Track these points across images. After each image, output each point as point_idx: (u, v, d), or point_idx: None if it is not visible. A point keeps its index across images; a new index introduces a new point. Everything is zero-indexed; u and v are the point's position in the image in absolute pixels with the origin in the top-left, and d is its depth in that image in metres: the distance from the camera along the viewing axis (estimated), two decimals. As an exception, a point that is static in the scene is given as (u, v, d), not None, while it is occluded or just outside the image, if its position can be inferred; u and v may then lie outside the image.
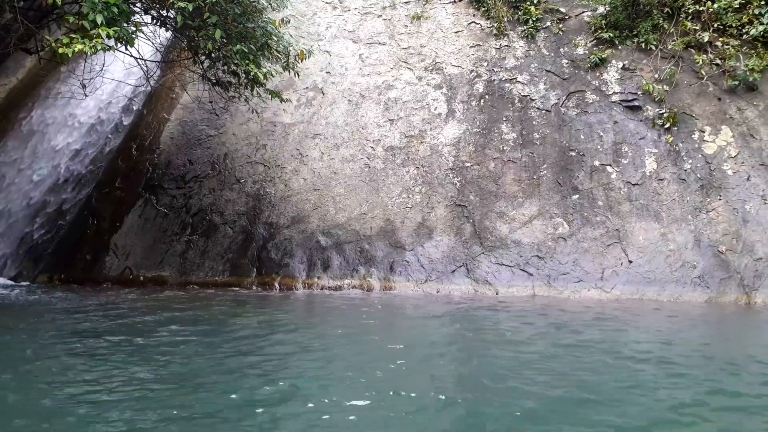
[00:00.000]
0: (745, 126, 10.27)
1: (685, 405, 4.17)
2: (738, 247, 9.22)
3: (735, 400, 4.35)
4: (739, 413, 4.07)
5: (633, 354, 5.73)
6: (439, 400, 4.31)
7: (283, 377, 4.75)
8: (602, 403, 4.20)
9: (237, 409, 3.95)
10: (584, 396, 4.34)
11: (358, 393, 4.30)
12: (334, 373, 4.96)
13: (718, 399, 4.33)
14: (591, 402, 4.21)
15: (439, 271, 9.99)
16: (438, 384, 4.75)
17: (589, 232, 9.86)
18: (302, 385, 4.54)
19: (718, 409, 4.10)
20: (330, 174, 11.26)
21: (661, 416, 3.95)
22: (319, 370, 5.03)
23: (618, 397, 4.36)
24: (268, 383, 4.60)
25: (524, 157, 10.84)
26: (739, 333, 7.38)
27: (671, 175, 10.10)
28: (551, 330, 6.89)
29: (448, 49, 12.34)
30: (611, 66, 11.35)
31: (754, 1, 11.09)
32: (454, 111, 11.53)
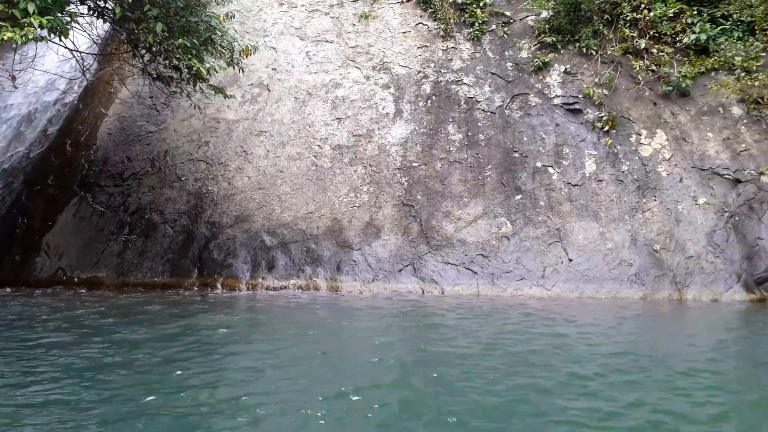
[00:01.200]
0: (678, 130, 10.94)
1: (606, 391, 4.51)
2: (671, 245, 9.82)
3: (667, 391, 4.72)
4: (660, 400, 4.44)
5: (568, 350, 6.07)
6: (377, 400, 4.48)
7: (217, 385, 4.78)
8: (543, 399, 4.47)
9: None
10: (524, 394, 4.60)
11: (294, 395, 4.42)
12: (262, 378, 5.04)
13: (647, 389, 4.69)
14: (530, 397, 4.48)
15: (387, 271, 10.18)
16: (376, 384, 4.90)
17: (531, 232, 10.28)
18: (236, 392, 4.61)
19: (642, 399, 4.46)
20: (275, 172, 11.29)
21: (596, 407, 4.26)
22: (244, 373, 5.11)
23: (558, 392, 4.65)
24: (198, 391, 4.64)
25: (470, 157, 11.18)
26: (667, 329, 7.88)
27: (609, 177, 10.65)
28: (493, 329, 7.17)
29: (396, 49, 12.59)
30: (554, 70, 11.87)
31: (687, 11, 11.84)
32: (402, 111, 11.78)
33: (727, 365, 5.74)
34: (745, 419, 4.21)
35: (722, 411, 4.28)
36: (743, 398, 4.65)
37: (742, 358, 6.14)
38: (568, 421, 3.99)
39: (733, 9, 11.88)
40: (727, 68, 11.29)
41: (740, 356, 6.24)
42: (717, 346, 6.53)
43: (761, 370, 5.58)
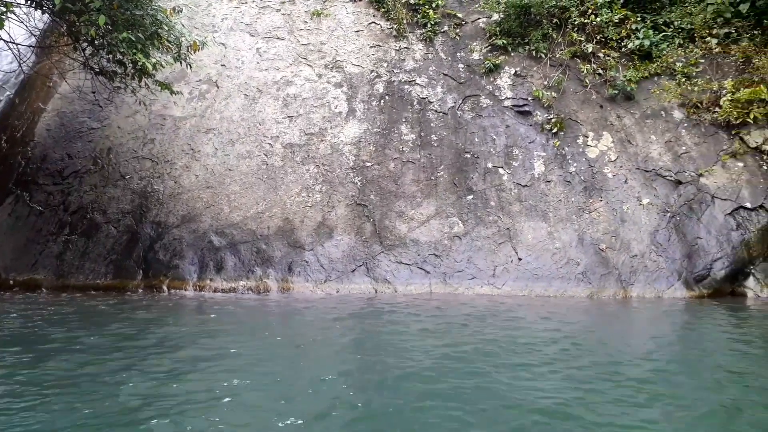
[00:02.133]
0: (623, 132, 11.41)
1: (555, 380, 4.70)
2: (616, 245, 10.23)
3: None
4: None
5: (513, 346, 6.29)
6: (328, 402, 4.53)
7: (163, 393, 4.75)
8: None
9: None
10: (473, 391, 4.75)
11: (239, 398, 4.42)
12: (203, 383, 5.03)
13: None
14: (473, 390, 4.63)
15: (339, 271, 10.22)
16: (325, 386, 4.95)
17: (483, 231, 10.52)
18: (174, 402, 4.59)
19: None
20: (224, 171, 11.17)
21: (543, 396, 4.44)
22: (183, 378, 5.08)
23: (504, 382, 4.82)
24: (134, 401, 4.60)
25: (423, 158, 11.36)
26: (612, 324, 8.24)
27: (558, 178, 11.01)
28: (445, 327, 7.33)
29: (349, 48, 12.67)
30: (504, 72, 12.19)
31: (631, 17, 12.38)
32: (355, 110, 11.86)
33: (660, 355, 6.08)
34: (673, 401, 4.48)
35: (652, 394, 4.54)
36: (674, 382, 4.94)
37: (675, 350, 6.49)
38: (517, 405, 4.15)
39: (674, 17, 12.49)
40: (669, 73, 11.86)
41: (673, 348, 6.59)
42: (656, 339, 6.89)
43: (694, 360, 5.93)
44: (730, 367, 5.65)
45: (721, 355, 6.10)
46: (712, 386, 5.03)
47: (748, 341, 6.74)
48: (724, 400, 4.65)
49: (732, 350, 6.34)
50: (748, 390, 4.96)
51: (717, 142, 10.93)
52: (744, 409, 4.49)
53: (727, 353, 6.21)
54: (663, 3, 12.72)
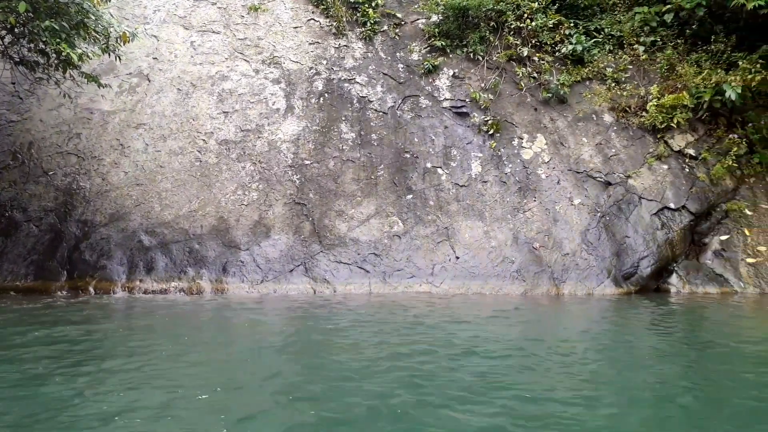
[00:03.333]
0: (556, 135, 11.89)
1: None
2: (549, 243, 10.65)
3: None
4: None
5: (450, 343, 6.47)
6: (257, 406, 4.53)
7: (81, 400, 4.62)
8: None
9: None
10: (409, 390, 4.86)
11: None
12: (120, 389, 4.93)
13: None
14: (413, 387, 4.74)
15: (277, 271, 10.16)
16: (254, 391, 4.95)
17: (422, 230, 10.72)
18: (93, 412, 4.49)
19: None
20: (155, 168, 10.89)
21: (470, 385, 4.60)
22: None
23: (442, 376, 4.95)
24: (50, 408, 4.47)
25: (363, 157, 11.45)
26: (543, 320, 8.60)
27: (494, 178, 11.35)
28: (383, 327, 7.43)
29: (287, 44, 12.60)
30: (443, 73, 12.46)
31: (565, 23, 12.92)
32: (293, 107, 11.81)
33: (586, 348, 6.41)
34: (597, 392, 4.76)
35: (578, 382, 4.81)
36: (600, 373, 5.24)
37: (602, 344, 6.86)
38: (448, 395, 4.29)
39: (604, 24, 13.14)
40: (600, 78, 12.46)
41: (600, 342, 6.96)
42: (584, 333, 7.26)
43: (617, 352, 6.30)
44: (652, 360, 6.03)
45: (644, 349, 6.50)
46: (635, 377, 5.36)
47: (668, 334, 7.21)
48: (646, 390, 4.97)
49: (654, 344, 6.76)
50: (668, 379, 5.32)
51: (644, 145, 11.57)
52: (665, 397, 4.82)
53: (650, 347, 6.61)
54: (594, 10, 13.35)
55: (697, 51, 12.14)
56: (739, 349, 6.45)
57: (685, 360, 6.04)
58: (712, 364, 5.89)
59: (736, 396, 4.85)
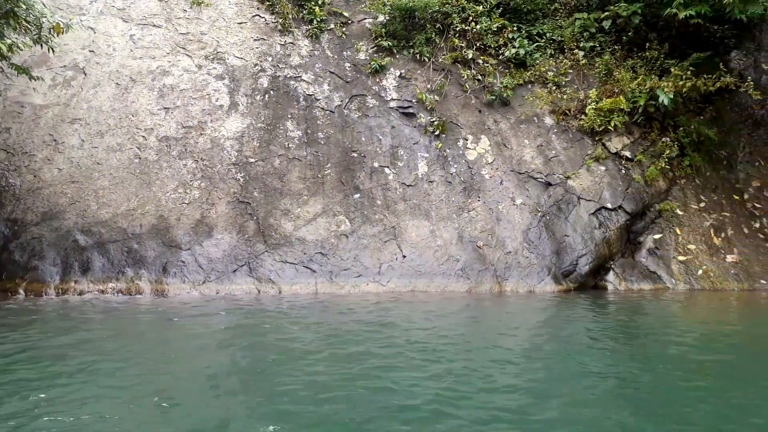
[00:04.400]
0: (499, 136, 12.18)
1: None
2: (492, 242, 10.90)
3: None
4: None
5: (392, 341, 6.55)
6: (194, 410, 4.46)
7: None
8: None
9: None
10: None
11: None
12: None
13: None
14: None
15: (219, 271, 9.99)
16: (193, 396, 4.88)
17: (369, 230, 10.76)
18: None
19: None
20: (92, 164, 10.50)
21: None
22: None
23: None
24: None
25: (309, 155, 11.40)
26: (485, 316, 8.82)
27: (440, 178, 11.53)
28: (330, 327, 7.42)
29: (231, 40, 12.41)
30: (390, 73, 12.56)
31: (508, 26, 13.26)
32: (238, 104, 11.64)
33: (524, 343, 6.63)
34: (533, 379, 4.94)
35: (516, 372, 4.98)
36: (533, 365, 5.44)
37: (539, 339, 7.10)
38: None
39: (546, 29, 13.56)
40: (541, 82, 12.84)
41: (539, 337, 7.21)
42: (525, 328, 7.49)
43: (554, 348, 6.54)
44: (587, 353, 6.29)
45: (581, 344, 6.77)
46: (570, 370, 5.58)
47: (603, 329, 7.53)
48: (583, 383, 5.18)
49: (589, 339, 7.04)
50: (603, 372, 5.56)
51: (582, 147, 12.01)
52: (593, 389, 5.04)
53: (585, 341, 6.89)
54: (537, 15, 13.76)
55: (633, 57, 12.70)
56: (665, 339, 6.84)
57: (613, 350, 6.35)
58: (639, 353, 6.26)
59: (659, 379, 5.18)
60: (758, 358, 6.12)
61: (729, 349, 6.38)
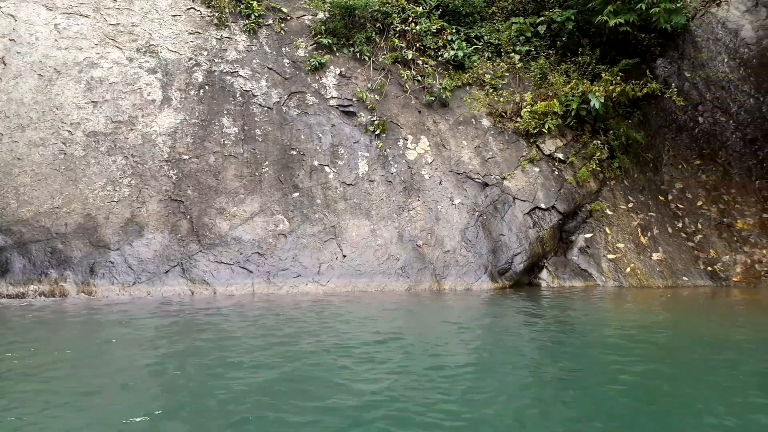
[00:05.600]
0: (438, 137, 12.33)
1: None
2: (432, 241, 11.01)
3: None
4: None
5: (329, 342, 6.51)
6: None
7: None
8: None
9: None
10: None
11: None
12: None
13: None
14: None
15: (151, 272, 9.64)
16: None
17: (308, 229, 10.65)
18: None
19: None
20: (12, 160, 9.90)
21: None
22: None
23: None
24: None
25: (246, 152, 11.16)
26: (423, 313, 8.91)
27: (380, 177, 11.55)
28: (265, 329, 7.28)
29: (165, 33, 11.99)
30: (330, 71, 12.48)
31: (447, 28, 13.45)
32: (171, 99, 11.26)
33: (461, 340, 6.74)
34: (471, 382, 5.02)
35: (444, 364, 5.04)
36: (464, 360, 5.53)
37: (474, 335, 7.24)
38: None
39: (484, 32, 13.85)
40: (479, 84, 13.10)
41: (474, 333, 7.34)
42: (461, 325, 7.61)
43: (489, 344, 6.67)
44: (521, 349, 6.46)
45: (514, 339, 6.95)
46: (505, 365, 5.71)
47: (532, 324, 7.76)
48: (514, 377, 5.31)
49: (523, 334, 7.24)
50: (536, 365, 5.71)
51: (518, 149, 12.32)
52: (528, 383, 5.18)
53: (519, 336, 7.08)
54: (475, 18, 14.03)
55: (567, 62, 13.15)
56: (591, 333, 7.16)
57: (544, 344, 6.54)
58: (567, 347, 6.49)
59: (585, 370, 5.37)
60: (678, 352, 6.46)
61: (650, 343, 6.70)
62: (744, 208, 12.67)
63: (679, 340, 6.99)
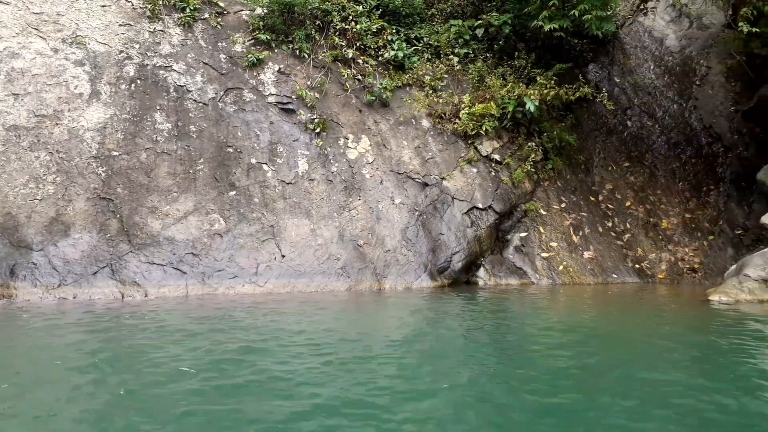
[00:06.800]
0: (379, 137, 12.36)
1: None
2: (372, 241, 11.02)
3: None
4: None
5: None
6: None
7: None
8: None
9: None
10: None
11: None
12: None
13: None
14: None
15: (77, 274, 9.20)
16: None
17: (245, 229, 10.44)
18: None
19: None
20: None
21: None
22: None
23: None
24: None
25: (180, 149, 10.83)
26: (363, 312, 8.91)
27: (320, 176, 11.46)
28: (188, 332, 7.04)
29: (93, 24, 11.48)
30: (268, 68, 12.28)
31: (387, 29, 13.51)
32: (100, 93, 10.78)
33: (400, 338, 6.80)
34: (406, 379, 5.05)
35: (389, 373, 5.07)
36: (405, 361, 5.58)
37: (412, 332, 7.31)
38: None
39: (424, 33, 14.00)
40: (419, 85, 13.23)
41: (411, 330, 7.41)
42: (400, 323, 7.66)
43: (429, 341, 6.77)
44: (459, 346, 6.56)
45: (453, 337, 7.05)
46: (443, 363, 5.78)
47: (472, 319, 7.91)
48: (456, 375, 5.38)
49: (460, 331, 7.36)
50: (476, 362, 5.81)
51: (457, 150, 12.52)
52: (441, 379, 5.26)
53: (456, 334, 7.20)
54: (415, 19, 14.16)
55: (503, 65, 13.47)
56: (525, 327, 7.38)
57: (477, 339, 6.69)
58: (498, 341, 6.67)
59: (516, 362, 5.52)
60: (606, 346, 6.73)
61: (576, 338, 6.96)
62: (668, 209, 13.35)
63: (607, 336, 7.28)
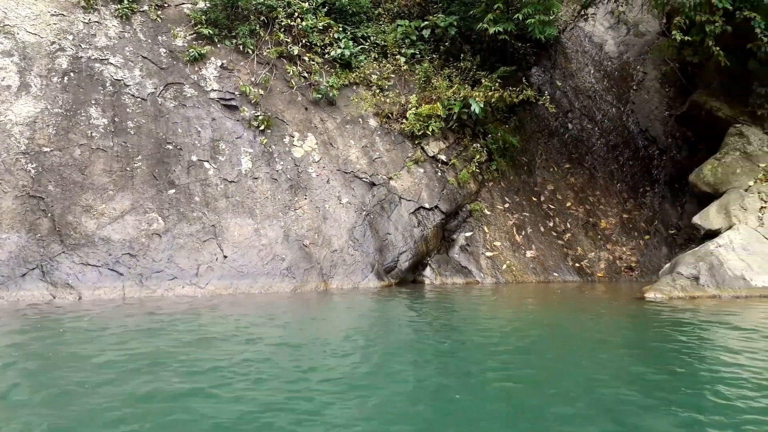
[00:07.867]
0: (326, 135, 12.26)
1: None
2: (319, 240, 10.91)
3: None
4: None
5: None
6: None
7: None
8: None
9: None
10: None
11: None
12: None
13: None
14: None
15: (5, 276, 8.73)
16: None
17: (186, 228, 10.14)
18: None
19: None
20: None
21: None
22: None
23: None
24: None
25: (116, 146, 10.43)
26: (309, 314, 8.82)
27: (265, 175, 11.26)
28: (121, 337, 6.77)
29: (22, 12, 10.91)
30: (210, 63, 11.99)
31: (334, 26, 13.41)
32: (29, 85, 10.25)
33: (345, 337, 6.76)
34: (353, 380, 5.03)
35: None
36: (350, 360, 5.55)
37: (360, 333, 7.28)
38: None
39: (371, 32, 13.99)
40: (366, 84, 13.20)
41: (358, 331, 7.39)
42: (345, 323, 7.62)
43: (373, 339, 6.75)
44: (407, 344, 6.57)
45: (399, 334, 7.06)
46: (390, 361, 5.78)
47: (419, 318, 7.95)
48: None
49: (407, 328, 7.38)
50: (424, 362, 5.83)
51: (404, 150, 12.56)
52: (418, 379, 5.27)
53: (403, 331, 7.22)
54: (362, 18, 14.13)
55: (450, 66, 13.61)
56: (470, 325, 7.49)
57: (422, 336, 6.74)
58: (446, 338, 6.74)
59: (440, 357, 5.58)
60: (546, 340, 6.89)
61: (517, 333, 7.10)
62: (607, 209, 13.81)
63: (542, 330, 7.47)
